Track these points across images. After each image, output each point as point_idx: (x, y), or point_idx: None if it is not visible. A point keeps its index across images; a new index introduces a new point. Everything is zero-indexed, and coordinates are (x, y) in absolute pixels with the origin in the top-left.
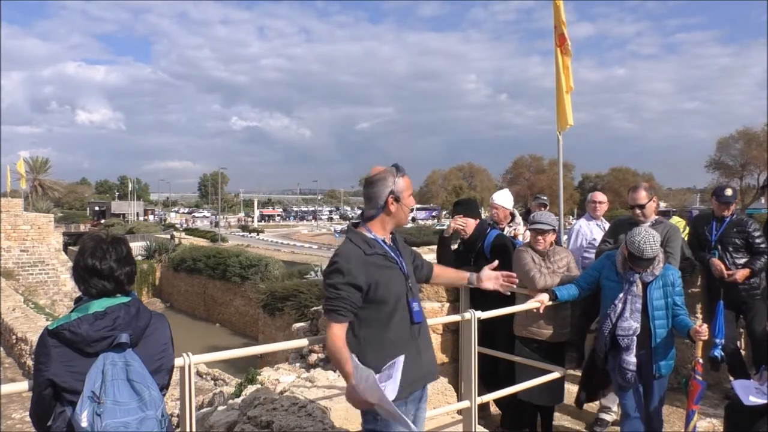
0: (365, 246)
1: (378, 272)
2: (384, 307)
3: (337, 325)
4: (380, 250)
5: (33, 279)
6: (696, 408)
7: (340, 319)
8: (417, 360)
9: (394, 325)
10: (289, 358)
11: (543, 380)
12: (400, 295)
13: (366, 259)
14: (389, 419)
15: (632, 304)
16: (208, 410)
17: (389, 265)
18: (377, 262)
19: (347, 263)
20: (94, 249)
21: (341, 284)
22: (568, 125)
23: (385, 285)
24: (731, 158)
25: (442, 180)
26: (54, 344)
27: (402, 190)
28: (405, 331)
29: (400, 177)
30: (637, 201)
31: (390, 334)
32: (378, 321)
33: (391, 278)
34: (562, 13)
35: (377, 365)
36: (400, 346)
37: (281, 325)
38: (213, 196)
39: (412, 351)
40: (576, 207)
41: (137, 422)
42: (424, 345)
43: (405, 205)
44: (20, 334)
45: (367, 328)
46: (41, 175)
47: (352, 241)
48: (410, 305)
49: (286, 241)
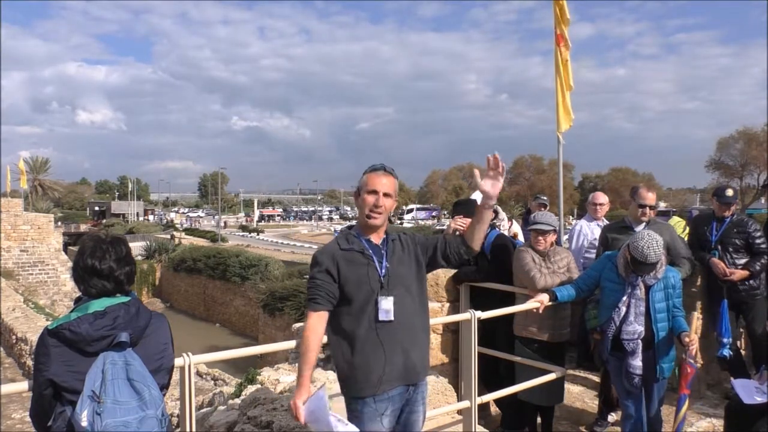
0: (343, 242)
1: (347, 267)
2: (353, 302)
3: (313, 313)
4: (358, 246)
5: (33, 279)
6: (688, 392)
7: (316, 307)
8: (386, 359)
9: (364, 321)
10: (289, 358)
11: (543, 380)
12: (370, 292)
13: (340, 254)
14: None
15: (636, 308)
16: (208, 410)
17: (363, 262)
18: (349, 258)
19: (321, 255)
20: (94, 249)
21: (317, 273)
22: (568, 125)
23: (354, 281)
24: (731, 158)
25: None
26: (54, 344)
27: (363, 184)
28: (372, 328)
29: (367, 174)
30: (648, 201)
31: (360, 330)
32: (349, 315)
33: (361, 275)
34: (567, 12)
35: (351, 359)
36: (370, 343)
37: (281, 325)
38: (213, 196)
39: (379, 350)
40: (576, 207)
41: (137, 421)
42: (399, 345)
43: (363, 197)
44: (20, 334)
45: (342, 322)
46: (41, 175)
47: (336, 239)
48: (377, 303)
49: (286, 241)
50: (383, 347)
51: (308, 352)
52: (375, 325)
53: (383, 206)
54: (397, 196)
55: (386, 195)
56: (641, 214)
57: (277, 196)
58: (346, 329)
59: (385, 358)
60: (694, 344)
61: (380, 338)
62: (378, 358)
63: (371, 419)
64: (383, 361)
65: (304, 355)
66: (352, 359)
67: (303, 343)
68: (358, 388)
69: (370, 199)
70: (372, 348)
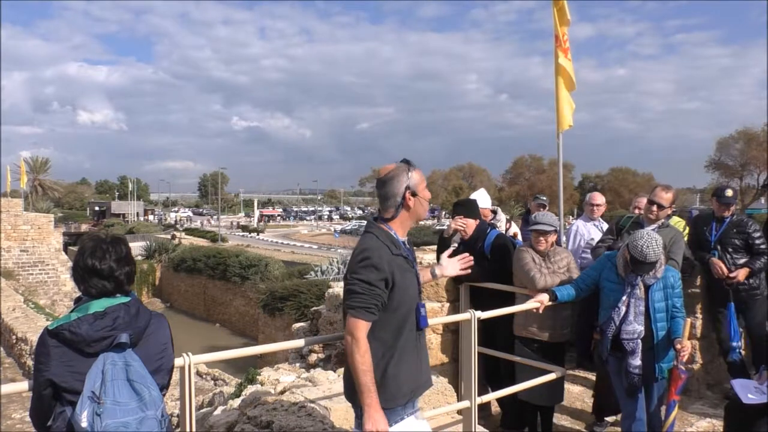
0: (392, 245)
1: (400, 275)
2: (399, 311)
3: (364, 323)
4: (404, 252)
5: (33, 279)
6: (677, 398)
7: (369, 317)
8: (420, 367)
9: (406, 330)
10: (289, 358)
11: (543, 380)
12: (413, 300)
13: (393, 259)
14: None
15: (636, 308)
16: (208, 410)
17: (408, 269)
18: (401, 264)
19: (380, 260)
20: (94, 249)
21: (376, 280)
22: (568, 125)
23: (404, 289)
24: (731, 158)
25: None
26: (54, 344)
27: (417, 183)
28: (413, 337)
29: (413, 171)
30: (662, 199)
31: (401, 340)
32: (391, 325)
33: (409, 283)
34: (567, 12)
35: (385, 369)
36: (408, 352)
37: (281, 325)
38: (213, 196)
39: (415, 358)
40: (576, 207)
41: (137, 422)
42: (425, 351)
43: (423, 199)
44: (20, 334)
45: (381, 331)
46: (41, 175)
47: (378, 238)
48: (419, 311)
49: (286, 241)
50: (419, 355)
51: (371, 370)
52: (416, 334)
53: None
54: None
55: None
56: (648, 211)
57: (277, 196)
58: (388, 338)
59: (421, 366)
60: (686, 351)
61: (418, 347)
62: (414, 368)
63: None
64: (417, 370)
65: (367, 373)
66: (389, 370)
67: (363, 360)
68: (390, 398)
69: (429, 193)
70: (410, 357)
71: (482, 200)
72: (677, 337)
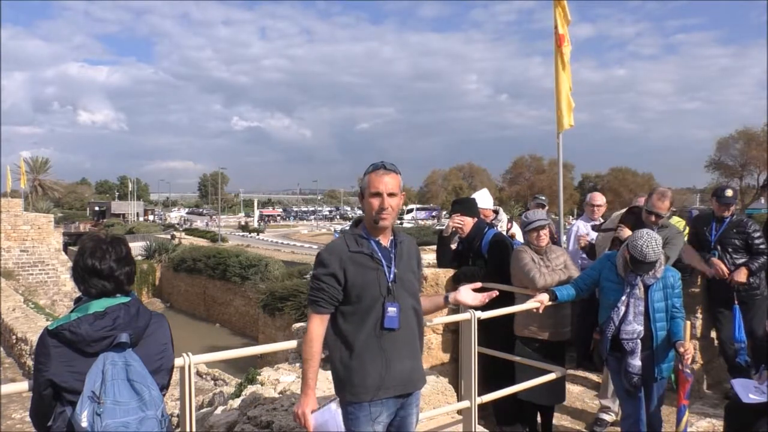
0: (352, 243)
1: (357, 270)
2: (358, 307)
3: (316, 316)
4: (367, 249)
5: (33, 279)
6: (687, 403)
7: (319, 310)
8: (386, 367)
9: (367, 326)
10: (289, 358)
11: (543, 380)
12: (376, 297)
13: (348, 255)
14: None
15: (635, 307)
16: (208, 410)
17: (372, 266)
18: (359, 261)
19: (329, 256)
20: (94, 249)
21: (323, 275)
22: (568, 125)
23: (362, 285)
24: (731, 158)
25: (442, 180)
26: (54, 344)
27: (365, 186)
28: (374, 335)
29: (369, 173)
30: (661, 209)
31: (362, 335)
32: (352, 317)
33: (370, 279)
34: (567, 13)
35: (347, 362)
36: (371, 349)
37: (281, 325)
38: (213, 196)
39: (379, 357)
40: (576, 207)
41: (137, 422)
42: (399, 353)
43: (367, 199)
44: (20, 334)
45: (344, 324)
46: (41, 175)
47: (343, 237)
48: (385, 310)
49: (286, 241)
50: (384, 355)
51: (313, 359)
52: (379, 332)
53: (389, 207)
54: (402, 192)
55: (391, 194)
56: (647, 220)
57: (277, 196)
58: (347, 332)
59: (385, 365)
60: (689, 353)
61: (382, 346)
62: (377, 365)
63: (365, 423)
64: (383, 368)
65: (308, 361)
66: (350, 363)
67: (306, 349)
68: (355, 393)
69: (375, 203)
70: (372, 355)
71: (484, 200)
72: (678, 339)
